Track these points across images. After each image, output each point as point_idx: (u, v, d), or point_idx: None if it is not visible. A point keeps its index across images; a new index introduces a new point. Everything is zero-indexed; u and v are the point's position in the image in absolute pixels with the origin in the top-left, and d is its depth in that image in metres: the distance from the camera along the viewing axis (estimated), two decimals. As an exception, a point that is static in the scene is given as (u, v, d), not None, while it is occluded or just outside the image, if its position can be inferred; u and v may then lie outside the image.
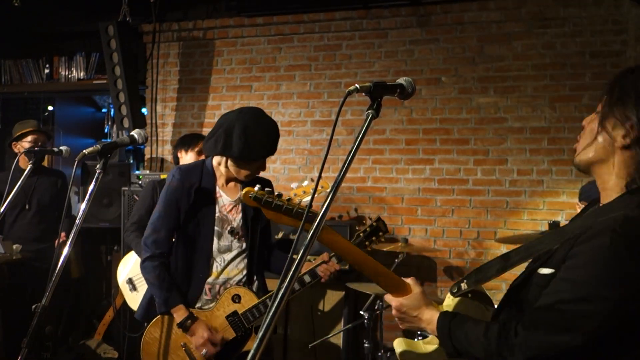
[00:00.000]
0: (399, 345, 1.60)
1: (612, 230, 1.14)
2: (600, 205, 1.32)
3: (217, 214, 2.40)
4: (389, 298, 1.54)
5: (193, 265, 2.38)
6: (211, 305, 2.37)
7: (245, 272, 2.44)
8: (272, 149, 2.36)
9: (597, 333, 1.15)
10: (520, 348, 1.20)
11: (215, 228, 2.39)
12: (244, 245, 2.44)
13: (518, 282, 1.38)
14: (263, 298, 2.37)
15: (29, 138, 3.95)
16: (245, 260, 2.44)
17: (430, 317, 1.43)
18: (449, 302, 1.52)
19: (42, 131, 4.09)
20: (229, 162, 2.37)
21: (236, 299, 2.36)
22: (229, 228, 2.41)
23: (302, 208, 1.67)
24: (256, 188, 1.72)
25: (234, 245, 2.42)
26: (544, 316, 1.19)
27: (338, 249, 1.57)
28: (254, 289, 2.45)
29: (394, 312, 1.52)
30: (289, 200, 1.70)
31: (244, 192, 1.74)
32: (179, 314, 2.29)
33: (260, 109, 2.40)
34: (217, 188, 2.43)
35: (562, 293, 1.18)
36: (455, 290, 1.49)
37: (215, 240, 2.39)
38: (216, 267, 2.39)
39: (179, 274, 2.38)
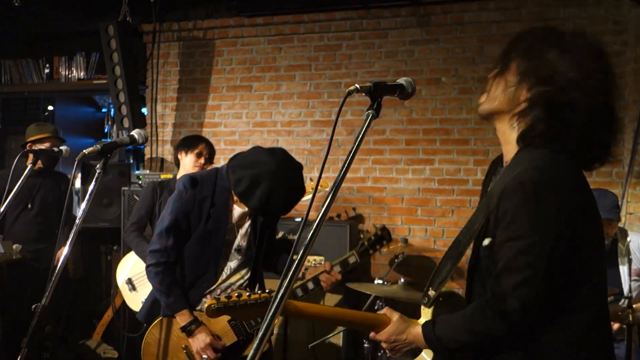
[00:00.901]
0: None
1: (522, 184, 1.29)
2: (505, 164, 1.44)
3: (228, 226, 2.37)
4: (374, 336, 1.56)
5: (199, 276, 2.36)
6: None
7: (246, 277, 2.43)
8: (285, 213, 2.30)
9: (549, 276, 1.28)
10: (501, 317, 1.30)
11: (226, 237, 2.38)
12: (249, 252, 2.43)
13: (471, 263, 1.46)
14: None
15: (48, 144, 3.90)
16: (248, 266, 2.43)
17: (417, 332, 1.47)
18: (426, 314, 1.54)
19: (60, 137, 4.08)
20: None
21: None
22: (236, 240, 2.40)
23: (266, 297, 1.66)
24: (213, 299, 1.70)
25: (240, 253, 2.42)
26: (500, 281, 1.31)
27: (308, 316, 1.58)
28: None
29: (384, 345, 1.54)
30: (249, 295, 1.68)
31: (205, 308, 1.71)
32: (183, 318, 2.28)
33: (299, 167, 2.28)
34: (230, 202, 2.38)
35: (508, 253, 1.30)
36: (426, 300, 1.54)
37: (224, 250, 2.38)
38: (222, 275, 2.39)
39: (184, 282, 2.36)
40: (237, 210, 2.40)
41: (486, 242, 1.37)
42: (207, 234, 2.34)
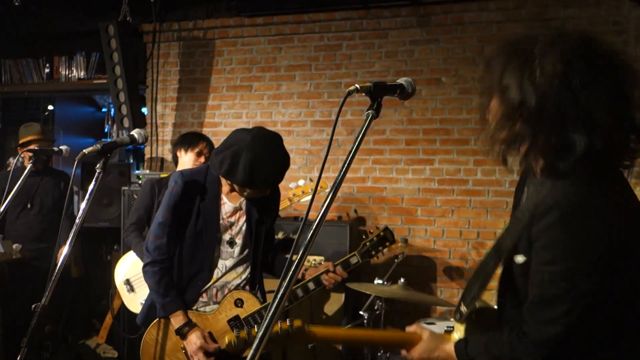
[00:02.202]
0: None
1: (557, 203, 1.20)
2: (537, 176, 1.32)
3: (220, 221, 2.37)
4: (405, 355, 1.54)
5: (195, 274, 2.36)
6: (210, 308, 2.36)
7: (243, 276, 2.42)
8: (276, 182, 2.33)
9: (588, 302, 1.20)
10: (539, 347, 1.24)
11: (217, 235, 2.37)
12: (246, 250, 2.42)
13: (502, 277, 1.41)
14: (266, 304, 2.34)
15: (32, 147, 3.88)
16: (245, 265, 2.43)
17: (450, 350, 1.45)
18: (459, 329, 1.52)
19: (45, 138, 4.07)
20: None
21: (239, 303, 2.34)
22: (229, 237, 2.39)
23: (287, 328, 1.63)
24: (234, 332, 1.65)
25: (236, 252, 2.40)
26: (538, 309, 1.25)
27: (337, 341, 1.56)
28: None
29: None
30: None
31: (226, 345, 1.64)
32: (178, 319, 2.27)
33: (276, 136, 2.29)
34: (222, 195, 2.39)
35: (543, 279, 1.23)
36: (458, 316, 1.50)
37: (217, 247, 2.37)
38: (217, 273, 2.37)
39: (180, 280, 2.36)
40: (229, 204, 2.40)
41: (520, 259, 1.29)
42: (199, 229, 2.34)
